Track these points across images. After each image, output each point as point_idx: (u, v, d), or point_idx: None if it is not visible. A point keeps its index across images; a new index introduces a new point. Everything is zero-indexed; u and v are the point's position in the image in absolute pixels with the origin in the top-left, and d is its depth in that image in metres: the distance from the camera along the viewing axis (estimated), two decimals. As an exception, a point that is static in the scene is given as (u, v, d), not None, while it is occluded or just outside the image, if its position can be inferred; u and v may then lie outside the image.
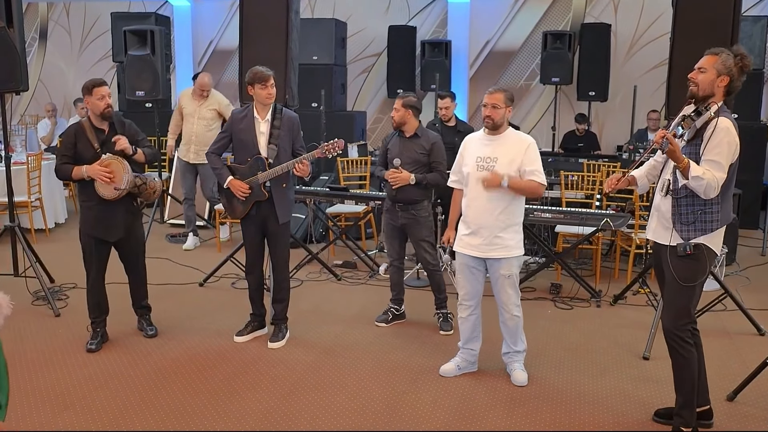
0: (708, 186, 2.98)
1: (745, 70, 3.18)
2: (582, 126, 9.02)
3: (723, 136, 3.04)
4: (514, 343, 4.04)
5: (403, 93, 4.76)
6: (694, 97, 3.16)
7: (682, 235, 3.13)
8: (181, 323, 4.98)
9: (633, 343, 4.65)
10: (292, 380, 4.06)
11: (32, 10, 11.84)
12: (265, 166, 4.15)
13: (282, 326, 4.59)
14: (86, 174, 3.91)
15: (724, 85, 3.14)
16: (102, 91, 3.99)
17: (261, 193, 4.18)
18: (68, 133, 4.12)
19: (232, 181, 4.18)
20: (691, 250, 3.11)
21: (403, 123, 4.64)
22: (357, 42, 10.52)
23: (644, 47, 9.43)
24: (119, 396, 3.82)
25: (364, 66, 10.78)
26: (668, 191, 3.17)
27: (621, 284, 5.75)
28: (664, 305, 3.32)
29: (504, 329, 4.03)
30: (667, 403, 3.63)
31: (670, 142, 2.94)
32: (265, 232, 4.36)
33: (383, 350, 4.54)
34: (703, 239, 3.13)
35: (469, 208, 3.92)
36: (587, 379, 4.12)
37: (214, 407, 3.71)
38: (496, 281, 3.92)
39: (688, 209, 3.12)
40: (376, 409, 3.71)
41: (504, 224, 3.81)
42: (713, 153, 3.05)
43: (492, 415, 3.67)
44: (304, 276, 6.12)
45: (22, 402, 3.71)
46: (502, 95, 3.80)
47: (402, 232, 4.74)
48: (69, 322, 4.91)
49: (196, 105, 6.85)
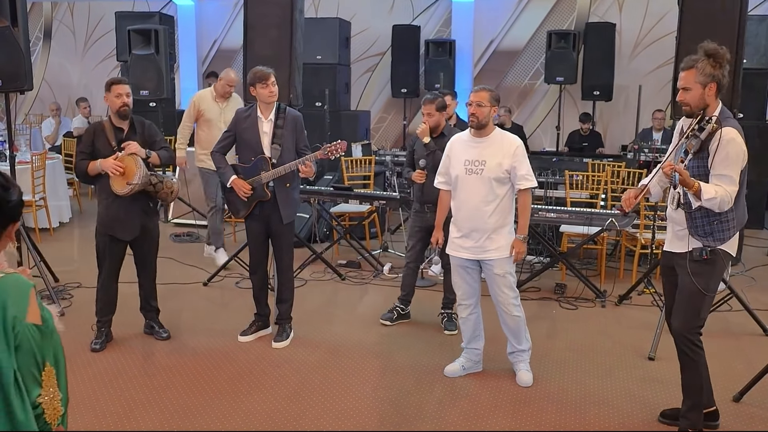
0: (722, 202, 2.96)
1: (725, 63, 3.05)
2: (586, 125, 9.01)
3: (730, 148, 2.99)
4: (518, 342, 4.03)
5: (430, 95, 4.71)
6: (691, 115, 3.11)
7: (699, 240, 3.12)
8: (185, 323, 4.98)
9: (638, 343, 4.63)
10: (296, 380, 4.06)
11: (36, 9, 11.86)
12: (269, 165, 4.14)
13: (286, 326, 4.59)
14: (101, 168, 3.91)
15: (714, 92, 3.07)
16: (119, 89, 3.99)
17: (264, 193, 4.16)
18: (88, 131, 4.13)
19: (235, 180, 4.17)
20: (707, 255, 3.09)
21: (439, 125, 4.64)
22: (361, 41, 10.51)
23: (649, 46, 9.40)
24: (123, 395, 3.82)
25: (368, 65, 10.77)
26: (679, 204, 3.14)
27: (626, 284, 5.73)
28: (676, 309, 3.29)
29: (506, 329, 4.02)
30: (673, 403, 3.62)
31: (679, 173, 2.91)
32: (269, 232, 4.34)
33: (388, 350, 4.53)
34: (719, 244, 3.12)
35: (460, 210, 3.90)
36: (592, 380, 4.11)
37: (218, 407, 3.70)
38: (492, 282, 3.91)
39: (703, 221, 3.09)
40: (381, 409, 3.71)
41: (496, 225, 3.80)
42: (722, 167, 3.00)
43: (497, 415, 3.66)
44: (308, 276, 6.11)
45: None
46: (487, 94, 3.79)
47: (429, 234, 4.59)
48: (73, 322, 4.90)
49: (219, 108, 6.17)
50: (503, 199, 3.81)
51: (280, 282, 4.54)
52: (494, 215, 3.78)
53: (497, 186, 3.78)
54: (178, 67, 10.72)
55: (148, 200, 4.23)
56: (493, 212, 3.77)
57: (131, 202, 4.04)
